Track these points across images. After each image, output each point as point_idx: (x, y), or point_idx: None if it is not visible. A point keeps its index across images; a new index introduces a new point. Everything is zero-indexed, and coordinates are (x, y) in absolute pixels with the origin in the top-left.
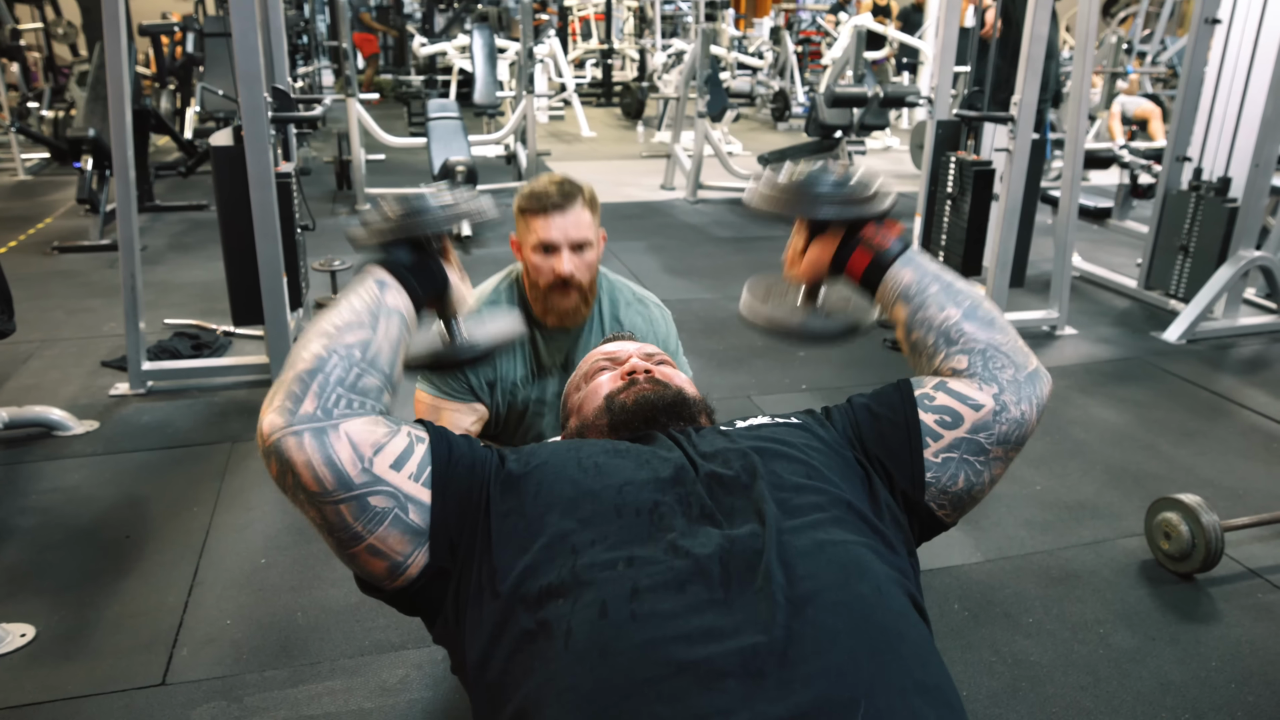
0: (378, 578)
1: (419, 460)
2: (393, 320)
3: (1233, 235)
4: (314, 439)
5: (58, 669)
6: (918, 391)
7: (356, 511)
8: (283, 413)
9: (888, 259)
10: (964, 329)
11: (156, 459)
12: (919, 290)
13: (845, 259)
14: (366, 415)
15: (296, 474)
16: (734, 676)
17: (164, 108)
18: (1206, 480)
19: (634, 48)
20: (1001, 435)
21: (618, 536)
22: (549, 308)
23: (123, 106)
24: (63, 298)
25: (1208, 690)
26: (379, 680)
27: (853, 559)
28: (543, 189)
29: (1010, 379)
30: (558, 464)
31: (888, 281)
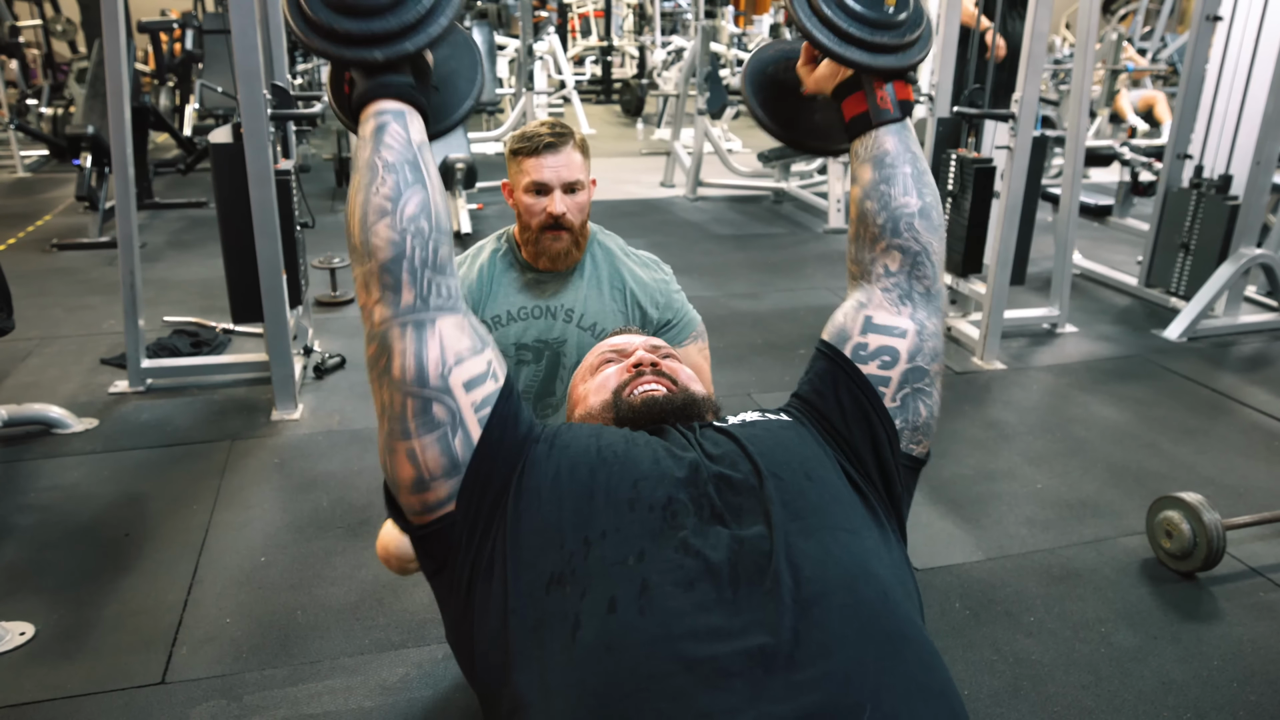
0: (402, 483)
1: (487, 394)
2: (426, 155)
3: (1234, 233)
4: (415, 331)
5: (57, 668)
6: (849, 346)
7: (418, 409)
8: (387, 303)
9: (878, 119)
10: (914, 224)
11: (156, 457)
12: (892, 163)
13: (843, 93)
14: (456, 314)
15: (391, 359)
16: (740, 676)
17: (163, 105)
18: (1207, 478)
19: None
20: (932, 351)
21: (630, 530)
22: (540, 250)
23: (122, 103)
24: (62, 295)
25: (1209, 689)
26: (379, 679)
27: (859, 563)
28: (534, 131)
29: (922, 292)
30: (579, 450)
31: (868, 138)
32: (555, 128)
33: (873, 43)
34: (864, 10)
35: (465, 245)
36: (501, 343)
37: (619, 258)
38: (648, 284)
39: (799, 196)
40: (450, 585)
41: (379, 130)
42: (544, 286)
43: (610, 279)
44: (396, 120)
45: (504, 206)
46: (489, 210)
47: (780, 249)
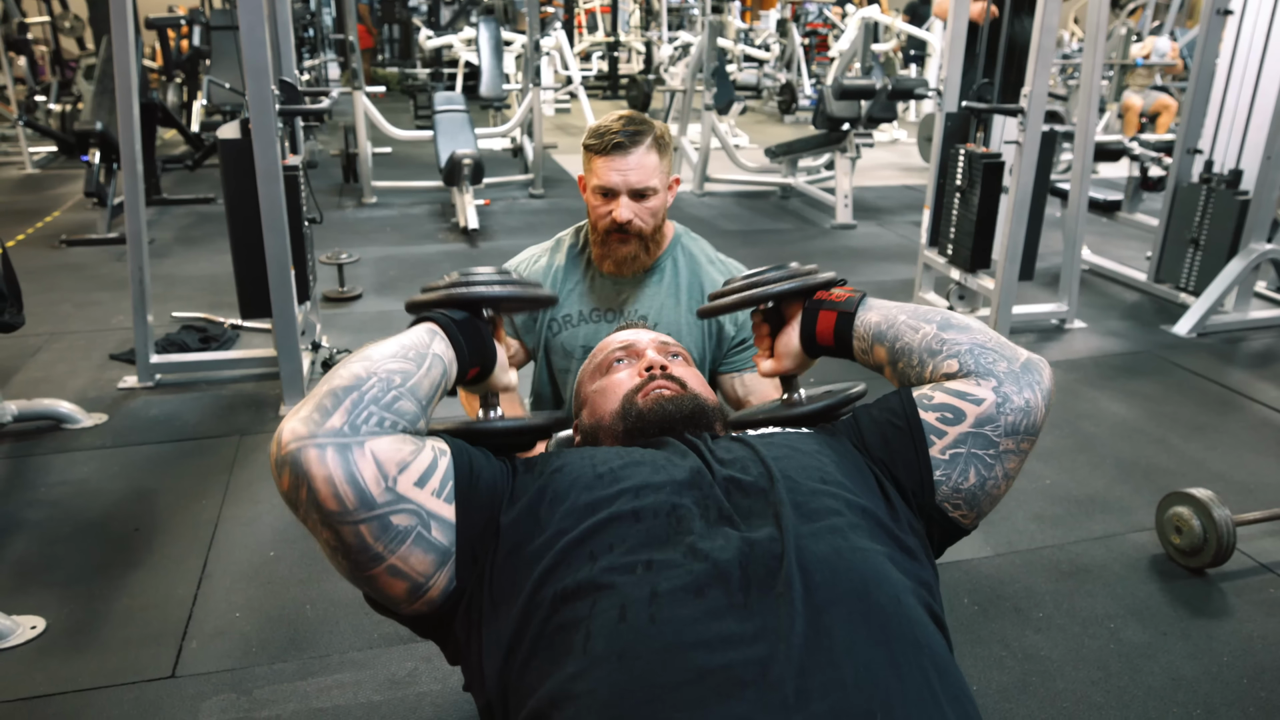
0: (396, 600)
1: (442, 475)
2: (436, 365)
3: (1244, 228)
4: (337, 454)
5: (68, 661)
6: (917, 393)
7: (378, 531)
8: (307, 423)
9: (852, 308)
10: (944, 337)
11: (165, 452)
12: (889, 324)
13: (813, 328)
14: (394, 434)
15: (314, 490)
16: (753, 685)
17: (170, 101)
18: (1217, 474)
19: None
20: (1009, 426)
21: (636, 540)
22: (606, 253)
23: (130, 100)
24: (70, 291)
25: (1219, 685)
26: (388, 673)
27: (871, 567)
28: (607, 126)
29: (1005, 370)
30: (573, 470)
31: (858, 330)
32: (630, 124)
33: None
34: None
35: (471, 241)
36: (569, 344)
37: (703, 266)
38: None
39: (806, 192)
40: (457, 646)
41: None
42: (618, 288)
43: (689, 288)
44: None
45: (510, 202)
46: (496, 207)
47: (788, 244)
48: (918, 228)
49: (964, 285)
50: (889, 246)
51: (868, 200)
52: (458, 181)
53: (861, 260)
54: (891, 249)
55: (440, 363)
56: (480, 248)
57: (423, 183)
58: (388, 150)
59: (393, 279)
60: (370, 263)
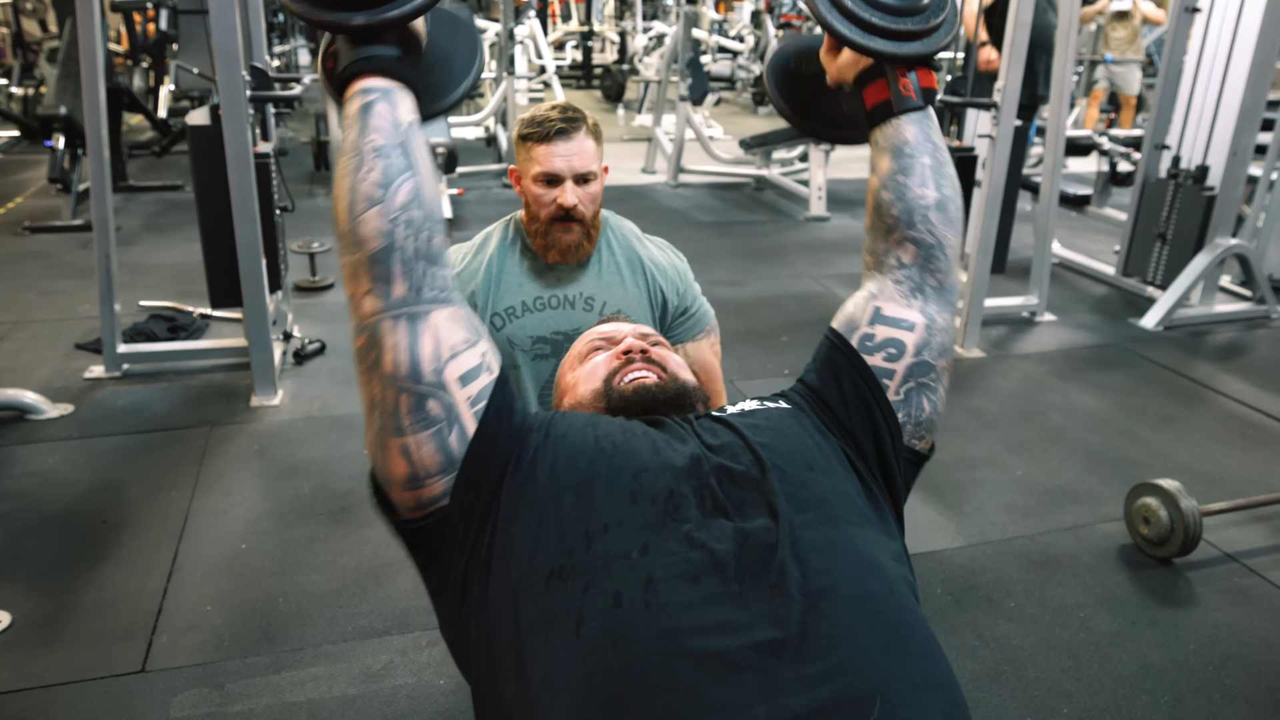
0: (394, 480)
1: (482, 387)
2: (416, 137)
3: (1210, 223)
4: (408, 325)
5: (35, 656)
6: (855, 336)
7: (413, 405)
8: (378, 295)
9: (900, 106)
10: (930, 216)
11: (133, 443)
12: (911, 153)
13: (865, 81)
14: (450, 305)
15: (382, 353)
16: (750, 670)
17: (137, 86)
18: (1183, 466)
19: (614, 30)
20: (940, 346)
21: (633, 523)
22: (550, 243)
23: (96, 84)
24: (35, 279)
25: (1186, 673)
26: (363, 666)
27: (864, 556)
28: (545, 115)
29: (935, 286)
30: (576, 439)
31: (889, 127)
32: (566, 112)
33: (896, 30)
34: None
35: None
36: (517, 336)
37: (635, 242)
38: (667, 269)
39: (780, 184)
40: (444, 581)
41: (364, 110)
42: (558, 274)
43: (629, 264)
44: (383, 99)
45: (484, 191)
46: (470, 196)
47: (762, 236)
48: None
49: None
50: (862, 239)
51: (841, 193)
52: None
53: (835, 252)
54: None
55: (416, 128)
56: (454, 237)
57: None
58: None
59: None
60: None
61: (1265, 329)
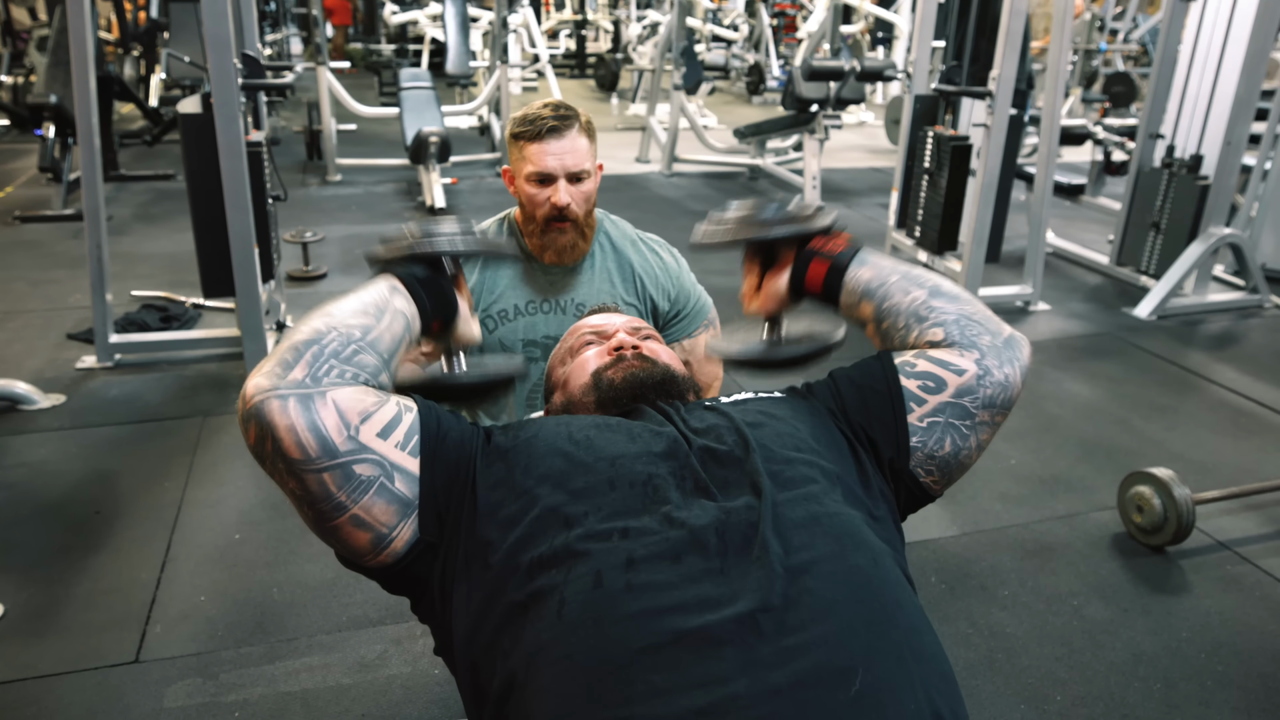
0: (360, 552)
1: (406, 429)
2: (398, 319)
3: (1204, 212)
4: (299, 404)
5: (28, 647)
6: (898, 360)
7: (340, 480)
8: (270, 376)
9: (844, 262)
10: (932, 305)
11: (126, 433)
12: (880, 283)
13: (803, 276)
14: (356, 385)
15: (277, 440)
16: (732, 644)
17: (128, 74)
18: (1176, 454)
19: (608, 19)
20: (987, 398)
21: (612, 508)
22: (546, 244)
23: (86, 72)
24: (25, 269)
25: (1179, 660)
26: (357, 656)
27: (848, 530)
28: (536, 113)
29: (989, 344)
30: (548, 437)
31: (848, 284)
32: (559, 110)
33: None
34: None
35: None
36: (508, 339)
37: (626, 246)
38: (657, 274)
39: (774, 173)
40: (430, 602)
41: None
42: (551, 279)
43: (620, 270)
44: (390, 289)
45: (477, 181)
46: (463, 185)
47: None
48: (885, 210)
49: (931, 267)
50: (857, 228)
51: (836, 182)
52: (424, 160)
53: None
54: (859, 231)
55: (402, 318)
56: None
57: (388, 160)
58: (352, 127)
59: (358, 258)
60: (335, 241)
61: (1258, 318)
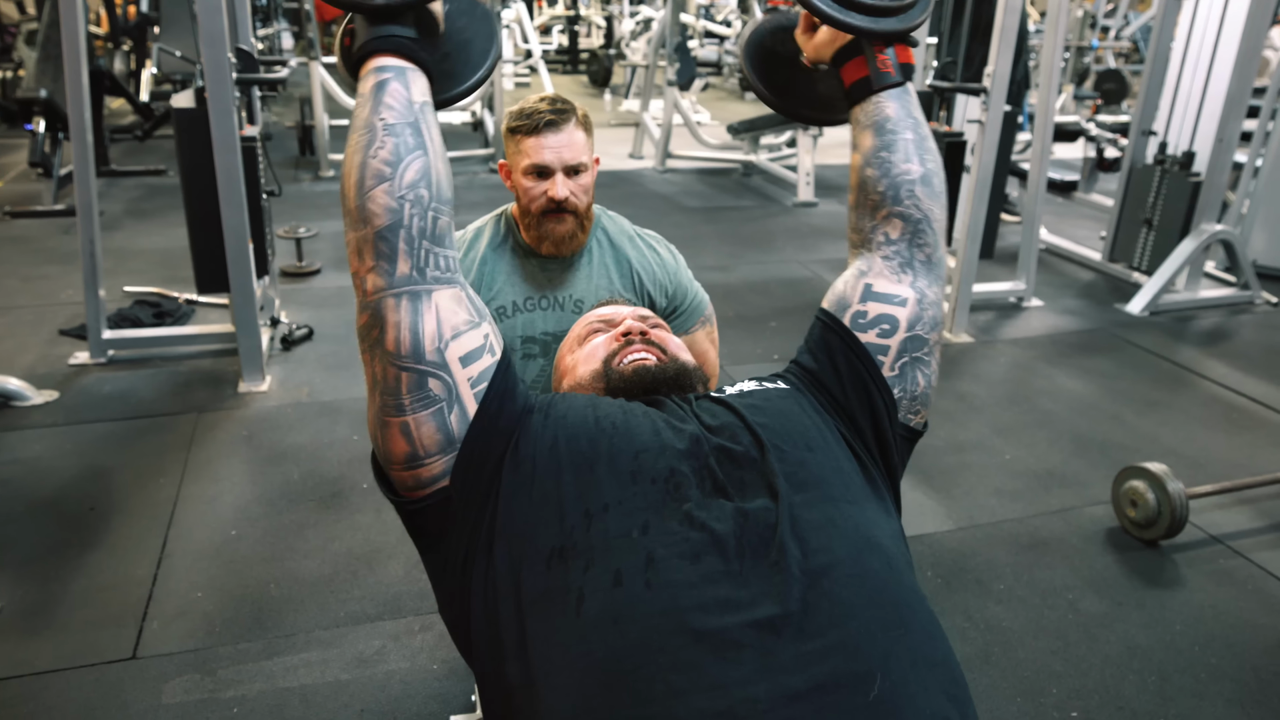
0: (394, 459)
1: (483, 368)
2: (429, 117)
3: (1195, 209)
4: (410, 303)
5: (23, 644)
6: (847, 315)
7: (413, 385)
8: (381, 273)
9: (880, 83)
10: (915, 191)
11: (120, 429)
12: (893, 129)
13: (843, 59)
14: (453, 286)
15: (384, 331)
16: (751, 648)
17: (118, 69)
18: (1169, 449)
19: (601, 14)
20: (931, 320)
21: (633, 503)
22: (543, 235)
23: (78, 67)
24: (16, 264)
25: (1172, 653)
26: (355, 651)
27: (863, 534)
28: (533, 107)
29: (924, 260)
30: (576, 420)
31: (869, 104)
32: (556, 103)
33: (873, 6)
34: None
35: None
36: (506, 336)
37: (624, 242)
38: (654, 270)
39: (768, 169)
40: (444, 562)
41: (379, 87)
42: (550, 275)
43: (618, 266)
44: (397, 78)
45: (470, 176)
46: (457, 181)
47: (750, 221)
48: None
49: None
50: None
51: (829, 178)
52: None
53: (823, 237)
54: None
55: (429, 108)
56: None
57: None
58: (345, 122)
59: None
60: (329, 237)
61: (1249, 314)
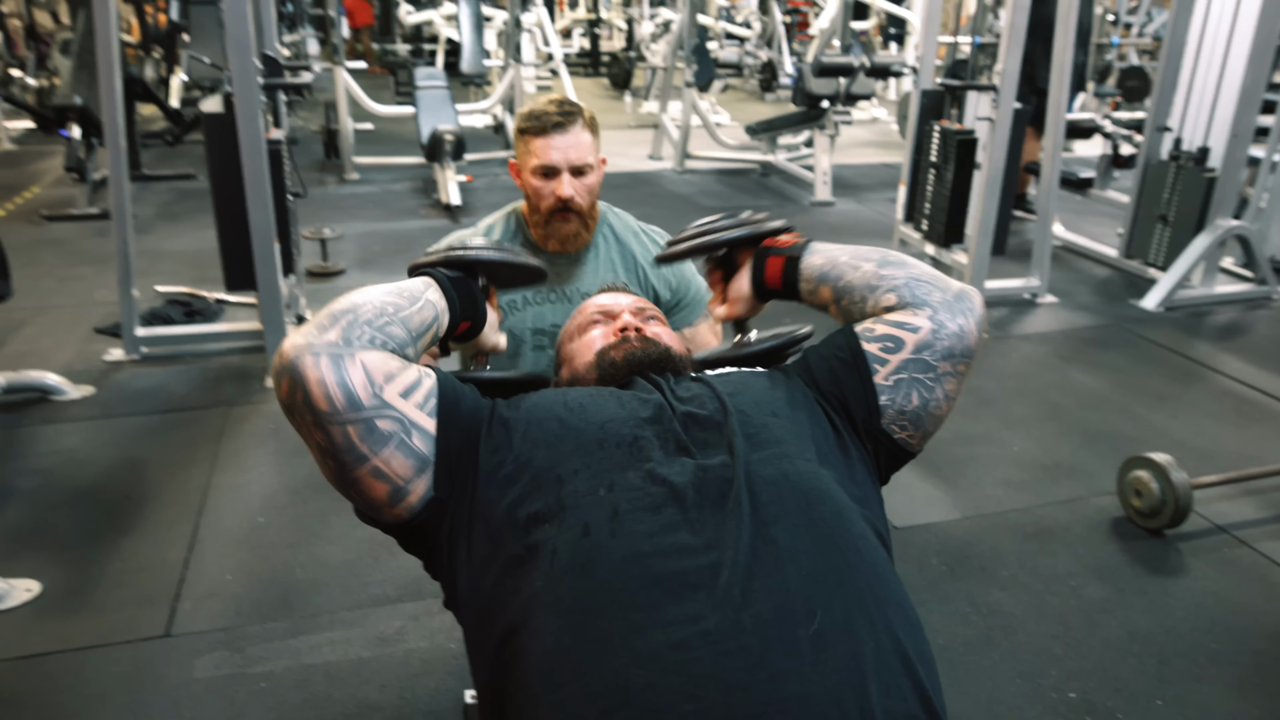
0: (378, 503)
1: (426, 391)
2: (428, 308)
3: (1211, 205)
4: (331, 362)
5: (64, 622)
6: (859, 328)
7: (364, 432)
8: (305, 336)
9: (797, 253)
10: (881, 274)
11: (153, 423)
12: (832, 264)
13: (762, 273)
14: (384, 351)
15: (308, 392)
16: (704, 588)
17: (149, 76)
18: (1178, 441)
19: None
20: (945, 350)
21: (600, 466)
22: (549, 233)
23: (113, 74)
24: (53, 266)
25: (1173, 638)
26: (376, 631)
27: (814, 487)
28: (542, 109)
29: (939, 300)
30: (545, 405)
31: (804, 273)
32: (563, 105)
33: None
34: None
35: (453, 217)
36: (517, 329)
37: (629, 237)
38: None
39: (786, 169)
40: (439, 559)
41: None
42: (558, 270)
43: (624, 260)
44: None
45: (492, 178)
46: (478, 183)
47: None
48: (894, 204)
49: (938, 259)
50: (866, 222)
51: (846, 177)
52: (439, 158)
53: (839, 236)
54: (869, 225)
55: (432, 307)
56: (462, 224)
57: (404, 159)
58: (369, 126)
59: (375, 254)
60: (353, 238)
61: (1266, 309)
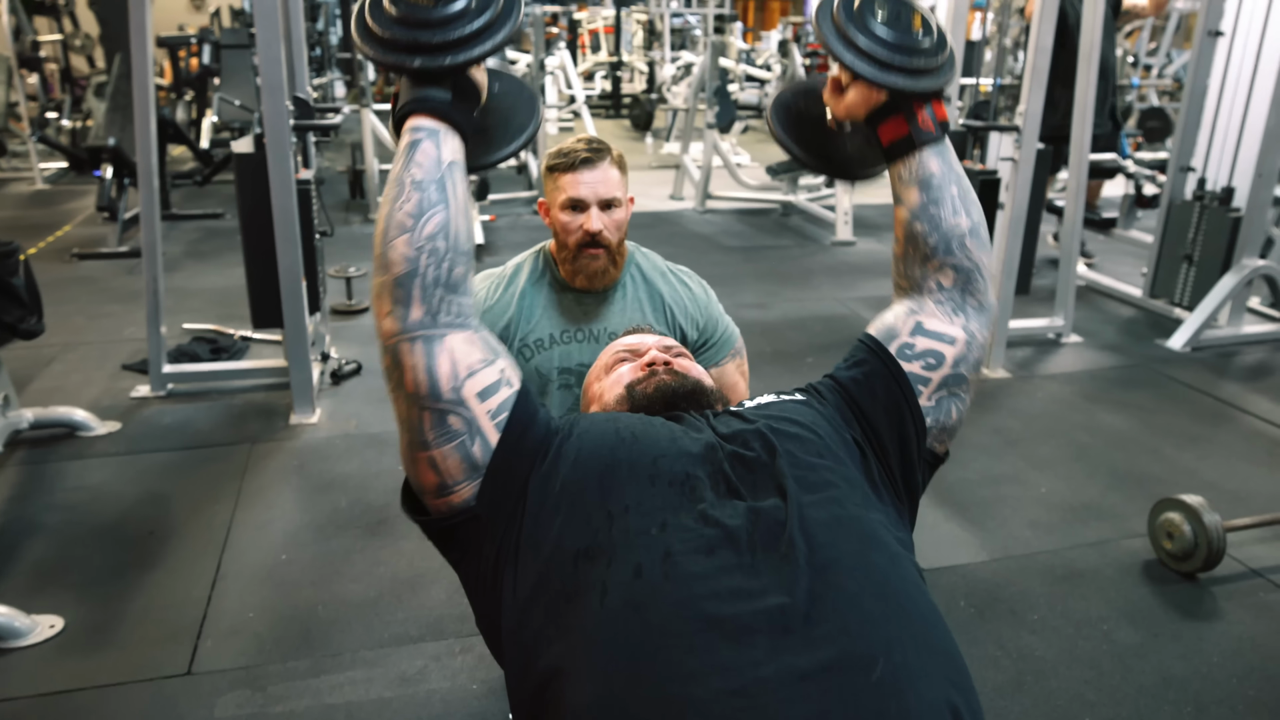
0: (426, 489)
1: (501, 401)
2: (456, 175)
3: (1236, 244)
4: (424, 346)
5: (86, 659)
6: (894, 345)
7: (434, 422)
8: (396, 319)
9: (921, 140)
10: (966, 243)
11: (178, 459)
12: (939, 184)
13: (880, 119)
14: (466, 330)
15: (403, 374)
16: (762, 633)
17: (180, 118)
18: (1209, 483)
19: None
20: (975, 362)
21: (652, 504)
22: (577, 268)
23: (148, 116)
24: (83, 303)
25: (1209, 685)
26: (398, 671)
27: (868, 531)
28: (570, 146)
29: (975, 306)
30: (597, 433)
31: (912, 162)
32: (592, 143)
33: (910, 67)
34: (898, 38)
35: (477, 256)
36: (544, 368)
37: (656, 277)
38: (686, 304)
39: (806, 209)
40: (477, 575)
41: (411, 146)
42: (585, 308)
43: (651, 299)
44: (430, 138)
45: (516, 218)
46: (501, 222)
47: (788, 260)
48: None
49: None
50: (888, 262)
51: (867, 217)
52: None
53: (861, 276)
54: (890, 265)
55: (458, 168)
56: (485, 263)
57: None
58: None
59: None
60: None
61: None
